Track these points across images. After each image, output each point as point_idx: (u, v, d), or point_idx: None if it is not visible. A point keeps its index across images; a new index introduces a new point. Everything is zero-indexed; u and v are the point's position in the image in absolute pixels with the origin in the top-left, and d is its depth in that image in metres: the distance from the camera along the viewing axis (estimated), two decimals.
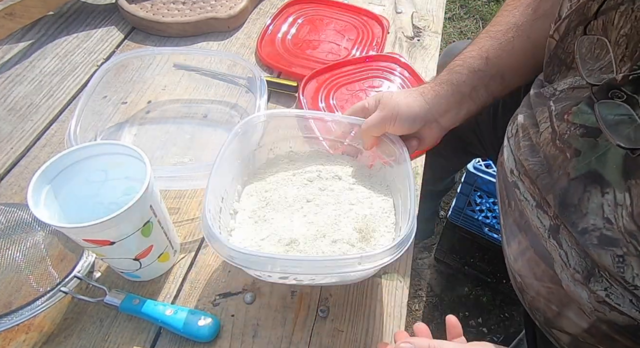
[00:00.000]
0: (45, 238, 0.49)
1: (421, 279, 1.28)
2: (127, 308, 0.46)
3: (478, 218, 1.08)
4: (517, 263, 0.50)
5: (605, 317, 0.40)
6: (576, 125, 0.41)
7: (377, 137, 0.53)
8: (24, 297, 0.45)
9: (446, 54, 0.86)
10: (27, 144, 0.63)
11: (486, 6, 2.07)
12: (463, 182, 1.06)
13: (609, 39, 0.37)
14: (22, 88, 0.69)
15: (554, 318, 0.47)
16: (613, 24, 0.37)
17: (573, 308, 0.43)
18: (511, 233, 0.50)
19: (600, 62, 0.39)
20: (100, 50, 0.76)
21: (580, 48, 0.40)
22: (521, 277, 0.50)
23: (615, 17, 0.37)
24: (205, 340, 0.46)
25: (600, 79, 0.38)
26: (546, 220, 0.43)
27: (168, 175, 0.53)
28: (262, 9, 0.86)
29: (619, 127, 0.36)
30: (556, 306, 0.45)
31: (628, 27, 0.36)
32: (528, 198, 0.46)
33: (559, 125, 0.43)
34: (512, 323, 1.20)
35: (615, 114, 0.36)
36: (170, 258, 0.51)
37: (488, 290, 1.24)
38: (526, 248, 0.47)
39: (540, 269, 0.45)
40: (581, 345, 0.46)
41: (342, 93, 0.70)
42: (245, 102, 0.68)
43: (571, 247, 0.41)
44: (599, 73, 0.39)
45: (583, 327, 0.43)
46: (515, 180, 0.48)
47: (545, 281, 0.45)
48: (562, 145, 0.42)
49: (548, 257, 0.44)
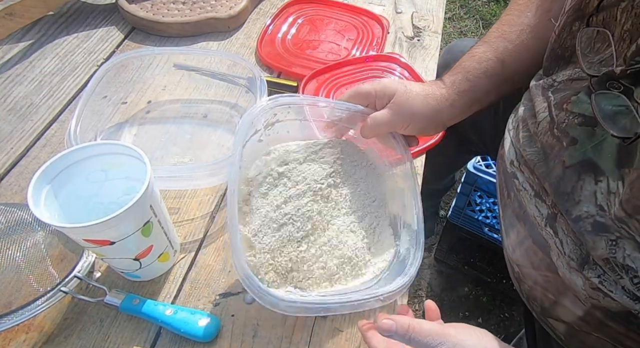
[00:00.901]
0: (45, 238, 0.49)
1: (421, 279, 1.28)
2: (127, 308, 0.46)
3: (478, 219, 1.08)
4: (515, 253, 0.51)
5: (599, 303, 0.41)
6: (575, 114, 0.42)
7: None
8: (24, 297, 0.45)
9: (447, 52, 0.86)
10: (27, 144, 0.63)
11: (486, 6, 2.07)
12: (463, 182, 1.06)
13: (612, 33, 0.38)
14: (22, 88, 0.69)
15: (551, 307, 0.48)
16: (616, 20, 0.38)
17: (569, 296, 0.44)
18: (510, 224, 0.51)
19: (600, 55, 0.40)
20: (100, 50, 0.76)
21: (581, 41, 0.41)
22: (519, 266, 0.51)
23: (617, 13, 0.38)
24: (205, 340, 0.46)
25: (599, 71, 0.39)
26: (544, 208, 0.44)
27: (168, 175, 0.53)
28: (262, 9, 0.86)
29: (616, 117, 0.36)
30: (553, 294, 0.46)
31: (630, 23, 0.36)
32: (527, 188, 0.47)
33: (558, 114, 0.44)
34: (512, 323, 1.20)
35: (613, 105, 0.37)
36: (170, 258, 0.51)
37: (488, 290, 1.24)
38: (524, 238, 0.48)
39: (537, 258, 0.46)
40: (576, 333, 0.47)
41: (342, 93, 0.70)
42: (245, 102, 0.68)
43: (567, 235, 0.42)
44: (598, 66, 0.40)
45: (578, 314, 0.44)
46: (514, 171, 0.49)
47: (542, 269, 0.46)
48: (559, 134, 0.43)
49: (545, 245, 0.45)
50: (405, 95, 0.51)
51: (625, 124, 0.36)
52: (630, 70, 0.35)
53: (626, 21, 0.36)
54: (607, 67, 0.38)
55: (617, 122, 0.36)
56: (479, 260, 1.19)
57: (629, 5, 0.36)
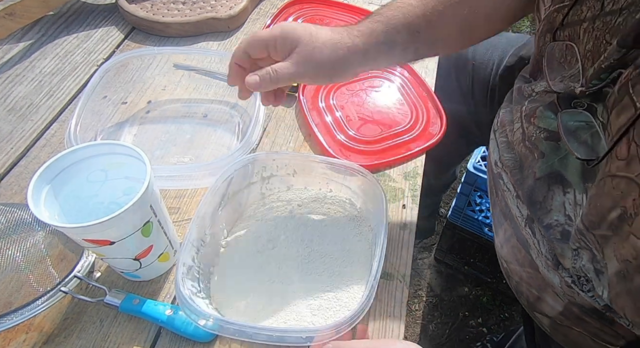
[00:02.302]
0: (45, 238, 0.49)
1: (421, 279, 1.28)
2: (127, 308, 0.46)
3: (478, 219, 1.08)
4: (503, 250, 0.52)
5: (574, 300, 0.42)
6: (541, 129, 0.43)
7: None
8: (24, 297, 0.45)
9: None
10: (27, 144, 0.63)
11: None
12: (463, 182, 1.06)
13: (578, 49, 0.38)
14: (22, 88, 0.69)
15: (535, 302, 0.49)
16: (579, 38, 0.38)
17: (549, 292, 0.45)
18: (498, 221, 0.52)
19: (572, 70, 0.41)
20: (100, 50, 0.76)
21: (550, 54, 0.41)
22: (506, 262, 0.52)
23: (580, 32, 0.38)
24: (205, 340, 0.46)
25: (568, 86, 0.40)
26: (524, 209, 0.45)
27: (168, 174, 0.53)
28: (262, 9, 0.86)
29: (578, 132, 0.38)
30: (536, 290, 0.47)
31: (591, 44, 0.37)
32: (510, 189, 0.48)
33: (527, 127, 0.45)
34: (511, 323, 1.20)
35: (575, 120, 0.38)
36: (170, 258, 0.51)
37: (488, 290, 1.25)
38: (510, 236, 0.49)
39: (521, 255, 0.47)
40: (559, 327, 0.48)
41: (342, 93, 0.70)
42: (245, 102, 0.68)
43: (542, 237, 0.43)
44: (569, 80, 0.40)
45: (558, 309, 0.45)
46: (499, 171, 0.49)
47: (525, 266, 0.47)
48: (530, 145, 0.44)
49: (526, 244, 0.46)
50: (312, 44, 0.44)
51: (585, 138, 0.37)
52: (589, 91, 0.36)
53: (588, 41, 0.37)
54: (575, 82, 0.39)
55: (578, 137, 0.37)
56: (479, 260, 1.19)
57: (590, 26, 0.36)
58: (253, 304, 0.48)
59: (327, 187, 0.57)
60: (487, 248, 1.12)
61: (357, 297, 0.48)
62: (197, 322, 0.41)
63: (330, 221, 0.55)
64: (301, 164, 0.55)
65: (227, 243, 0.53)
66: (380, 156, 0.62)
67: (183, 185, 0.57)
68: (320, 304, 0.48)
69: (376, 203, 0.50)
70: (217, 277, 0.50)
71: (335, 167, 0.54)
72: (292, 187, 0.58)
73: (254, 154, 0.54)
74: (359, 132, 0.64)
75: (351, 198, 0.56)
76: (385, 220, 0.47)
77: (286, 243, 0.53)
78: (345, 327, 0.41)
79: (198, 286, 0.47)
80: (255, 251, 0.52)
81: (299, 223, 0.55)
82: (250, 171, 0.54)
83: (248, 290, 0.49)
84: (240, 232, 0.54)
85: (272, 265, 0.51)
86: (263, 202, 0.57)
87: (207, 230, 0.50)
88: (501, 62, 0.75)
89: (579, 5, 0.36)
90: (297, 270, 0.51)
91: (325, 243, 0.53)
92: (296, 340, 0.41)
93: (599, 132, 0.35)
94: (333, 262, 0.51)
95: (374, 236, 0.51)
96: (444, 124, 0.65)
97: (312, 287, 0.49)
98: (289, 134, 0.65)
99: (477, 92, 0.79)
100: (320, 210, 0.56)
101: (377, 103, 0.69)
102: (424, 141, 0.64)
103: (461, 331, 1.19)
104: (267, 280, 0.50)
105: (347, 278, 0.50)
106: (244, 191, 0.55)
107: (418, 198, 0.59)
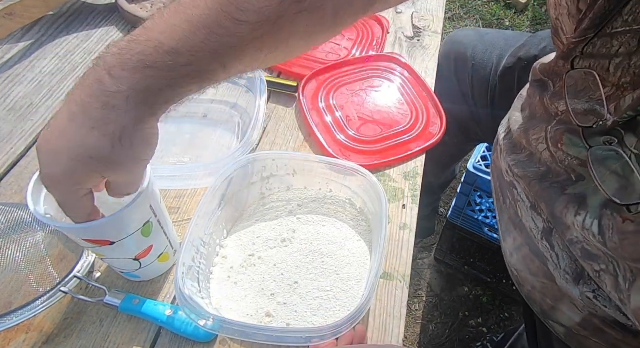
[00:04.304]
0: (45, 238, 0.49)
1: (421, 279, 1.28)
2: (127, 309, 0.46)
3: (478, 219, 1.08)
4: (513, 258, 0.51)
5: (596, 313, 0.41)
6: (571, 157, 0.41)
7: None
8: (24, 297, 0.45)
9: (448, 43, 0.86)
10: (27, 144, 0.63)
11: (486, 6, 2.07)
12: (463, 182, 1.06)
13: (599, 79, 0.37)
14: (22, 88, 0.69)
15: (550, 311, 0.48)
16: (608, 70, 0.36)
17: (566, 303, 0.44)
18: (507, 229, 0.51)
19: (593, 94, 0.39)
20: (100, 50, 0.75)
21: (569, 83, 0.40)
22: (517, 271, 0.51)
23: (610, 67, 0.36)
24: (205, 340, 0.46)
25: (591, 107, 0.38)
26: (540, 222, 0.44)
27: (168, 174, 0.53)
28: None
29: (606, 162, 0.36)
30: (551, 300, 0.47)
31: (628, 79, 0.35)
32: (524, 200, 0.46)
33: (555, 152, 0.43)
34: (511, 323, 1.20)
35: (604, 150, 0.37)
36: (170, 258, 0.51)
37: (488, 290, 1.25)
38: (521, 245, 0.48)
39: (535, 265, 0.46)
40: (575, 336, 0.47)
41: (342, 93, 0.70)
42: (245, 102, 0.68)
43: (563, 250, 0.42)
44: (594, 103, 0.39)
45: (576, 320, 0.44)
46: (511, 179, 0.48)
47: (540, 277, 0.46)
48: (565, 168, 0.42)
49: (542, 256, 0.45)
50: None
51: (616, 168, 0.36)
52: (622, 121, 0.35)
53: (623, 76, 0.35)
54: (596, 107, 0.38)
55: (608, 166, 0.36)
56: (479, 260, 1.19)
57: (625, 62, 0.35)
58: (253, 304, 0.48)
59: (327, 187, 0.57)
60: (487, 248, 1.12)
61: (357, 297, 0.48)
62: (197, 322, 0.41)
63: (330, 221, 0.55)
64: (301, 164, 0.55)
65: (227, 243, 0.53)
66: (380, 156, 0.62)
67: (183, 185, 0.57)
68: (320, 304, 0.48)
69: (376, 203, 0.50)
70: (217, 277, 0.50)
71: (335, 167, 0.54)
72: (292, 187, 0.58)
73: (254, 154, 0.54)
74: (359, 132, 0.64)
75: (351, 198, 0.56)
76: (385, 220, 0.47)
77: (286, 243, 0.53)
78: (345, 327, 0.41)
79: (198, 286, 0.47)
80: (255, 251, 0.52)
81: (299, 223, 0.55)
82: (250, 171, 0.54)
83: (248, 290, 0.49)
84: (240, 232, 0.54)
85: (272, 265, 0.51)
86: (263, 202, 0.57)
87: (207, 230, 0.50)
88: (500, 63, 0.75)
89: (608, 38, 0.35)
90: (297, 270, 0.51)
91: (325, 243, 0.53)
92: (296, 340, 0.41)
93: (630, 163, 0.34)
94: (333, 262, 0.51)
95: (373, 236, 0.51)
96: (444, 124, 0.65)
97: (312, 287, 0.49)
98: (289, 134, 0.65)
99: (477, 92, 0.79)
100: (320, 211, 0.56)
101: (377, 103, 0.69)
102: (424, 141, 0.64)
103: (461, 331, 1.19)
104: (267, 280, 0.50)
105: (347, 278, 0.50)
106: (244, 191, 0.55)
107: (418, 198, 0.59)
